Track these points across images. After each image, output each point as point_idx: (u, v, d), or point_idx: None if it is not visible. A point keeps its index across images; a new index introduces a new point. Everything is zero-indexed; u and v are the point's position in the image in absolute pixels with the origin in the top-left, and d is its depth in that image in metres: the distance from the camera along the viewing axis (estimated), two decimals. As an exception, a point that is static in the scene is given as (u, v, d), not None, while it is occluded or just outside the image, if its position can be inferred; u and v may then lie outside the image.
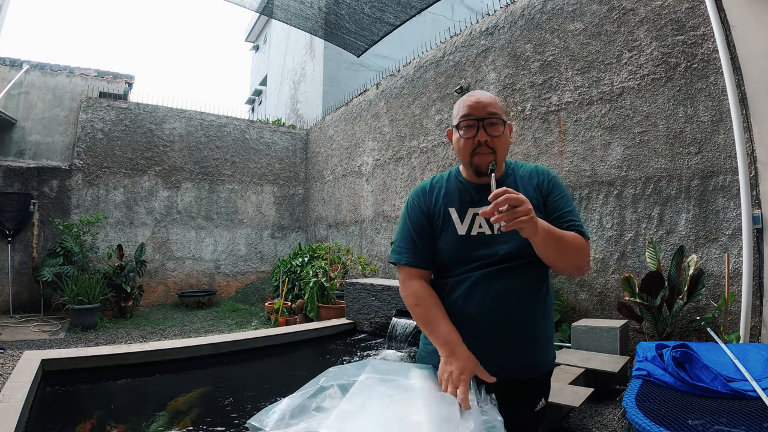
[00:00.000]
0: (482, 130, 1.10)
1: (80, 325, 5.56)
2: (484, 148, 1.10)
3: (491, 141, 1.10)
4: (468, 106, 1.13)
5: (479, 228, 1.14)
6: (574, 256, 1.06)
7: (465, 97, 1.16)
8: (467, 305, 1.11)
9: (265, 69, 16.29)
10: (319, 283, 5.98)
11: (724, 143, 3.19)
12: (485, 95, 1.14)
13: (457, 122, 1.15)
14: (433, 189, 1.24)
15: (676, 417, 1.59)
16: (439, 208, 1.19)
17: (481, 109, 1.11)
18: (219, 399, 3.10)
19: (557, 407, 2.38)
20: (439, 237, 1.17)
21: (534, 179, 1.19)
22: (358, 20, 4.97)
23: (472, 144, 1.11)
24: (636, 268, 3.66)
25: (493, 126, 1.11)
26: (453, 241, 1.14)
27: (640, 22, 3.70)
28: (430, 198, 1.22)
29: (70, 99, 8.12)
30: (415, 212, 1.22)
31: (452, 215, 1.17)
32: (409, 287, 1.16)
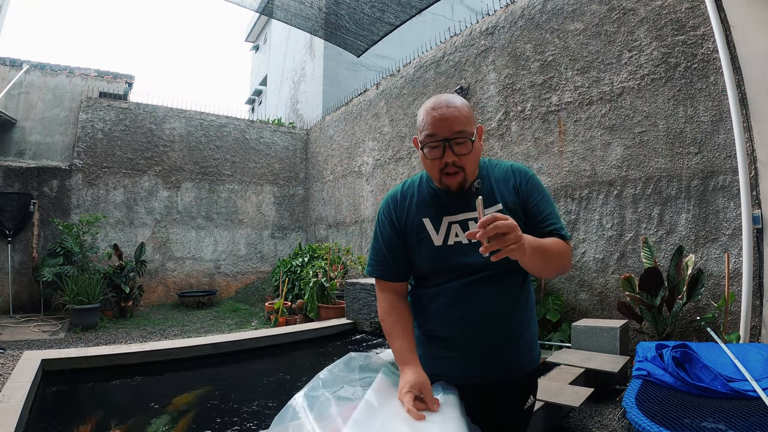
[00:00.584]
0: (449, 150, 1.02)
1: (80, 325, 5.56)
2: (452, 167, 1.04)
3: (459, 160, 1.03)
4: (432, 125, 1.03)
5: (455, 237, 1.10)
6: (558, 264, 1.05)
7: (429, 107, 1.05)
8: (448, 314, 1.12)
9: (265, 69, 16.29)
10: (319, 283, 5.98)
11: (724, 143, 3.19)
12: (451, 105, 1.03)
13: (421, 140, 1.07)
14: (404, 197, 1.18)
15: (676, 417, 1.59)
16: (412, 219, 1.14)
17: (447, 129, 1.01)
18: (219, 399, 3.10)
19: (557, 407, 2.38)
20: (414, 249, 1.15)
21: (510, 180, 1.13)
22: (358, 20, 4.97)
23: (439, 164, 1.05)
24: (636, 268, 3.66)
25: (461, 145, 1.03)
26: (429, 252, 1.12)
27: (640, 22, 3.70)
28: (402, 208, 1.16)
29: (70, 99, 8.12)
30: (385, 226, 1.18)
31: (427, 226, 1.13)
32: (381, 299, 1.18)
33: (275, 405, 3.00)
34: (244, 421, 2.72)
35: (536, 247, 0.95)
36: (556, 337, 3.87)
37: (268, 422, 2.80)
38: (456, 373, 1.11)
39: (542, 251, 0.97)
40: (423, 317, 1.19)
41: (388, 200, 1.21)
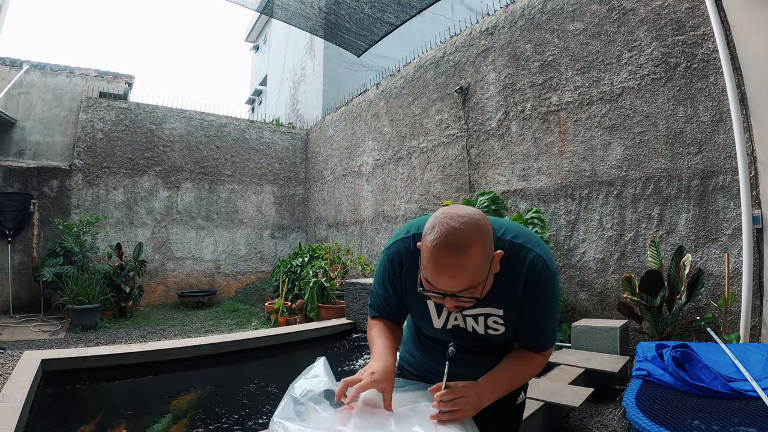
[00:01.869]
0: (449, 298, 0.90)
1: (80, 325, 5.56)
2: (454, 308, 0.96)
3: (462, 304, 0.92)
4: (434, 276, 0.87)
5: (454, 321, 1.10)
6: (522, 382, 1.12)
7: (433, 245, 0.84)
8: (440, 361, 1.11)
9: (265, 69, 16.29)
10: (319, 283, 5.98)
11: (724, 143, 3.19)
12: (461, 256, 0.83)
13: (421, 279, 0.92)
14: (411, 267, 1.05)
15: (676, 417, 1.59)
16: (415, 296, 1.08)
17: (450, 286, 0.87)
18: (219, 399, 3.10)
19: (557, 407, 2.38)
20: (414, 316, 1.17)
21: (517, 287, 0.99)
22: (358, 20, 4.98)
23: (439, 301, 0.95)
24: (636, 268, 3.66)
25: (467, 298, 0.90)
26: (429, 329, 1.15)
27: (640, 22, 3.70)
28: (406, 278, 1.08)
29: (70, 99, 8.12)
30: (386, 286, 1.13)
31: (429, 308, 1.10)
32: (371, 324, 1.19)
33: (275, 405, 3.00)
34: (244, 421, 2.72)
35: (498, 393, 1.02)
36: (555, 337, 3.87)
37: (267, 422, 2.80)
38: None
39: (507, 388, 1.05)
40: (417, 347, 1.26)
41: (394, 259, 1.08)
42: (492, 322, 1.06)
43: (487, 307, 1.04)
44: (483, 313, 1.05)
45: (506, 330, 1.07)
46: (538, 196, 4.57)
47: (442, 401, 0.92)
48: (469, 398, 0.94)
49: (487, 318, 1.06)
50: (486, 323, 1.07)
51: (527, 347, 1.10)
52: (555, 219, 4.39)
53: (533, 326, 1.06)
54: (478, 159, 5.31)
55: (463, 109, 5.53)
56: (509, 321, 1.06)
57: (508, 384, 1.06)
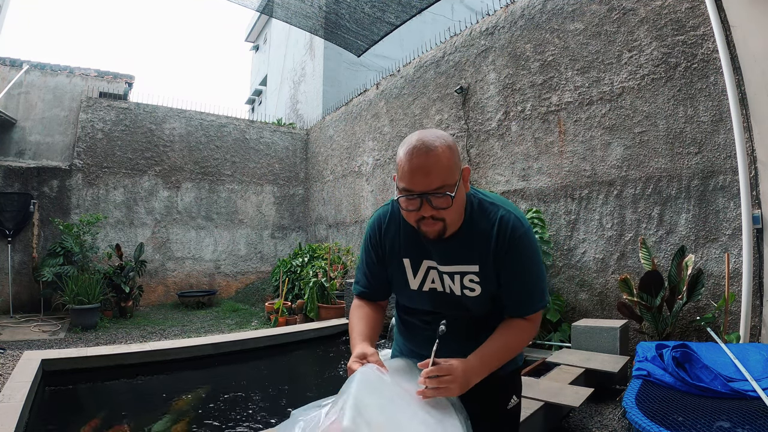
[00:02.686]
0: (426, 204, 0.94)
1: (80, 325, 5.56)
2: (429, 220, 0.97)
3: (438, 213, 0.95)
4: (409, 177, 0.93)
5: (432, 284, 1.10)
6: (514, 352, 1.08)
7: (407, 151, 0.94)
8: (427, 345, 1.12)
9: (265, 69, 16.29)
10: (319, 283, 5.98)
11: (724, 143, 3.19)
12: (431, 153, 0.92)
13: (398, 187, 0.98)
14: (389, 228, 1.13)
15: (676, 417, 1.59)
16: (394, 255, 1.13)
17: (425, 184, 0.92)
18: (219, 399, 3.10)
19: (557, 407, 2.38)
20: (393, 283, 1.18)
21: (491, 241, 1.02)
22: (359, 20, 4.97)
23: (416, 215, 0.97)
24: (636, 268, 3.66)
25: (440, 198, 0.94)
26: (406, 292, 1.15)
27: (640, 22, 3.70)
28: (386, 239, 1.14)
29: (70, 99, 8.12)
30: (369, 253, 1.18)
31: (406, 266, 1.12)
32: (355, 303, 1.23)
33: (275, 405, 3.00)
34: (244, 421, 2.72)
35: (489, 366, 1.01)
36: (556, 337, 3.88)
37: (268, 422, 2.81)
38: None
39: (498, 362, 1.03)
40: (403, 335, 1.26)
41: (375, 225, 1.16)
42: (468, 281, 1.05)
43: (462, 265, 1.05)
44: (459, 270, 1.06)
45: (482, 291, 1.05)
46: (538, 196, 4.57)
47: (429, 377, 0.91)
48: (456, 376, 0.92)
49: (463, 276, 1.05)
50: (462, 282, 1.06)
51: (512, 313, 1.07)
52: (555, 219, 4.39)
53: (514, 287, 1.04)
54: (478, 159, 5.31)
55: (463, 109, 5.53)
56: (485, 280, 1.04)
57: (498, 358, 1.03)
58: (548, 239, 4.20)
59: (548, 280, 4.36)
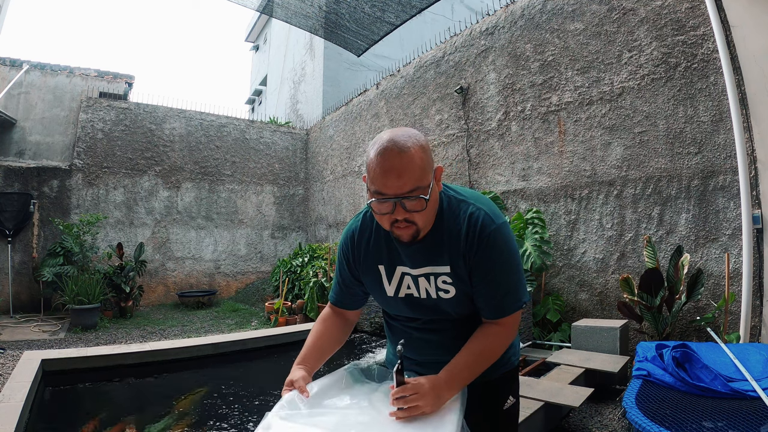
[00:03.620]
0: (399, 207, 0.91)
1: (80, 325, 5.56)
2: (403, 223, 0.94)
3: (411, 216, 0.93)
4: (381, 181, 0.90)
5: (407, 290, 1.08)
6: (490, 361, 1.03)
7: (378, 155, 0.91)
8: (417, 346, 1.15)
9: (265, 69, 16.29)
10: (319, 283, 5.98)
11: (724, 143, 3.19)
12: (404, 153, 0.89)
13: (369, 189, 0.95)
14: (362, 235, 1.11)
15: (676, 417, 1.59)
16: (368, 264, 1.12)
17: (397, 187, 0.89)
18: (219, 399, 3.10)
19: (557, 407, 2.38)
20: (371, 292, 1.19)
21: (461, 241, 0.99)
22: (359, 19, 4.97)
23: (389, 219, 0.95)
24: (636, 268, 3.66)
25: (414, 201, 0.91)
26: (383, 299, 1.15)
27: (640, 22, 3.70)
28: (359, 250, 1.12)
29: (70, 99, 8.12)
30: (343, 265, 1.18)
31: (381, 273, 1.10)
32: (325, 310, 1.28)
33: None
34: (244, 421, 2.72)
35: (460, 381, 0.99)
36: (556, 337, 3.88)
37: (268, 422, 2.76)
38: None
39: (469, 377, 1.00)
40: (390, 339, 1.28)
41: (347, 238, 1.15)
42: (441, 282, 1.03)
43: (433, 266, 1.03)
44: (431, 272, 1.04)
45: (457, 292, 1.03)
46: (538, 196, 4.57)
47: (396, 399, 0.91)
48: (422, 393, 0.91)
49: (437, 278, 1.04)
50: (436, 284, 1.04)
51: (485, 316, 1.04)
52: (555, 219, 4.39)
53: (486, 289, 1.00)
54: (478, 159, 5.31)
55: (463, 109, 5.52)
56: (458, 281, 1.02)
57: (472, 369, 0.99)
58: (548, 239, 4.20)
59: (548, 280, 4.36)
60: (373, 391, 1.05)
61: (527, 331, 3.93)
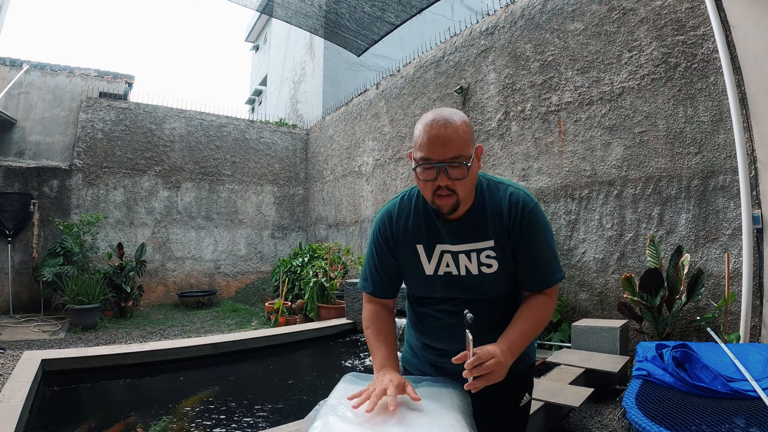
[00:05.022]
0: (443, 173, 0.97)
1: (80, 325, 5.56)
2: (444, 190, 0.99)
3: (452, 184, 0.99)
4: (428, 146, 0.97)
5: (446, 268, 1.10)
6: (540, 330, 1.08)
7: (426, 124, 0.99)
8: (438, 334, 1.16)
9: (265, 69, 16.29)
10: (319, 283, 5.98)
11: (724, 143, 3.19)
12: (450, 125, 0.97)
13: (416, 158, 1.02)
14: (400, 216, 1.14)
15: (676, 417, 1.59)
16: (406, 243, 1.13)
17: (442, 153, 0.96)
18: (219, 399, 3.10)
19: (557, 407, 2.38)
20: (406, 273, 1.17)
21: (504, 218, 1.05)
22: (359, 19, 4.97)
23: (432, 186, 1.00)
24: (636, 268, 3.66)
25: (456, 169, 0.98)
26: (420, 279, 1.14)
27: (640, 22, 3.70)
28: (397, 230, 1.14)
29: (70, 99, 8.12)
30: (379, 244, 1.17)
31: (420, 253, 1.12)
32: (366, 309, 1.21)
33: (275, 405, 3.00)
34: (244, 421, 2.72)
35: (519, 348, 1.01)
36: (556, 337, 3.88)
37: (268, 422, 2.81)
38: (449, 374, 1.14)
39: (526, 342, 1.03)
40: (417, 329, 1.23)
41: (384, 218, 1.17)
42: (485, 257, 1.06)
43: (477, 242, 1.06)
44: (474, 248, 1.07)
45: (500, 266, 1.06)
46: (538, 196, 4.57)
47: (473, 368, 0.89)
48: (498, 359, 0.91)
49: (480, 253, 1.06)
50: (479, 259, 1.06)
51: (530, 288, 1.10)
52: (555, 219, 4.39)
53: (530, 261, 1.07)
54: (478, 159, 5.31)
55: (463, 109, 5.52)
56: (502, 254, 1.06)
57: (527, 337, 1.03)
58: (548, 239, 4.20)
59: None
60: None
61: (527, 331, 3.93)
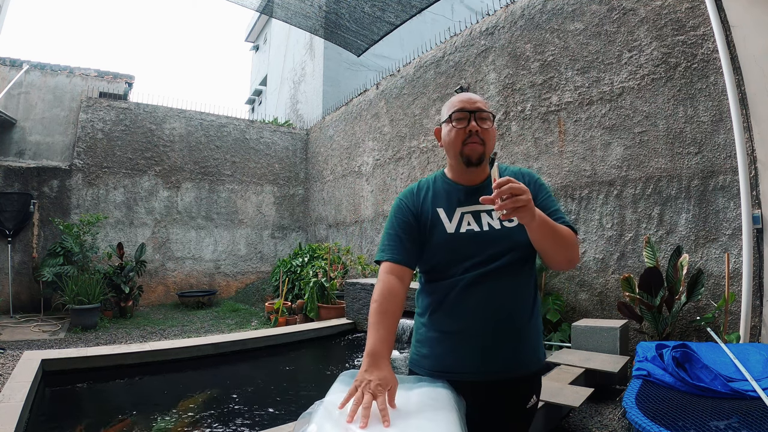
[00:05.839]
0: (474, 121, 1.16)
1: (80, 325, 5.56)
2: (475, 137, 1.15)
3: (482, 132, 1.15)
4: (460, 101, 1.19)
5: (468, 226, 1.16)
6: (568, 247, 1.10)
7: (455, 97, 1.22)
8: (461, 307, 1.13)
9: (265, 69, 16.29)
10: (319, 283, 5.98)
11: (724, 143, 3.19)
12: (474, 95, 1.21)
13: (448, 115, 1.19)
14: (420, 190, 1.27)
15: (676, 417, 1.59)
16: (427, 208, 1.21)
17: (473, 105, 1.17)
18: (218, 399, 3.10)
19: (557, 407, 2.38)
20: (428, 237, 1.18)
21: (519, 179, 1.21)
22: (359, 19, 4.97)
23: (464, 134, 1.16)
24: (636, 268, 3.66)
25: (483, 120, 1.17)
26: (443, 239, 1.16)
27: (640, 22, 3.70)
28: (418, 199, 1.25)
29: (70, 99, 8.12)
30: (402, 211, 1.23)
31: (441, 215, 1.19)
32: (380, 281, 1.14)
33: (275, 405, 3.00)
34: (244, 421, 2.72)
35: (545, 220, 1.03)
36: (556, 337, 3.88)
37: (268, 422, 2.80)
38: (464, 369, 1.12)
39: (551, 227, 1.05)
40: (432, 311, 1.19)
41: (406, 193, 1.29)
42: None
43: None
44: None
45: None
46: (538, 196, 4.56)
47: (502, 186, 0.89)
48: (525, 188, 0.91)
49: None
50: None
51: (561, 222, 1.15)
52: (555, 219, 4.38)
53: (550, 203, 1.20)
54: (478, 159, 5.31)
55: (463, 109, 5.52)
56: None
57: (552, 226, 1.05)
58: (548, 239, 4.20)
59: (548, 280, 4.36)
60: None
61: (527, 331, 3.93)
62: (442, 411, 0.92)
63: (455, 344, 1.14)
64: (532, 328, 1.17)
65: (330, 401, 0.94)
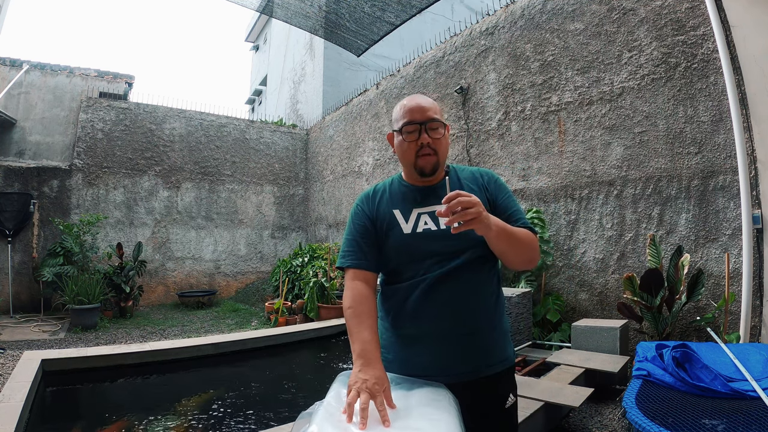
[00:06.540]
0: (424, 133, 1.14)
1: (80, 325, 5.56)
2: (427, 149, 1.14)
3: (433, 143, 1.14)
4: (409, 112, 1.16)
5: (425, 225, 1.15)
6: (526, 249, 1.10)
7: (406, 102, 1.19)
8: (422, 309, 1.12)
9: (265, 69, 16.29)
10: (319, 283, 5.98)
11: (724, 143, 3.19)
12: (425, 100, 1.18)
13: (399, 127, 1.17)
14: (376, 194, 1.26)
15: (676, 417, 1.59)
16: (383, 211, 1.21)
17: (422, 115, 1.15)
18: (219, 399, 3.10)
19: (557, 407, 2.38)
20: (385, 239, 1.18)
21: (478, 180, 1.23)
22: (359, 19, 4.97)
23: (416, 146, 1.15)
24: (636, 268, 3.66)
25: (434, 129, 1.15)
26: (399, 240, 1.16)
27: (640, 22, 3.70)
28: (373, 203, 1.24)
29: (70, 99, 8.12)
30: (358, 216, 1.23)
31: (397, 216, 1.19)
32: (350, 288, 1.15)
33: (275, 405, 3.00)
34: (244, 421, 2.72)
35: (502, 227, 1.03)
36: (556, 337, 3.88)
37: (268, 423, 2.81)
38: (431, 372, 1.10)
39: (509, 233, 1.05)
40: (394, 315, 1.18)
41: (362, 197, 1.29)
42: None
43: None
44: None
45: None
46: (538, 196, 4.57)
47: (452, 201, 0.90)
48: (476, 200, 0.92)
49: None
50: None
51: (520, 224, 1.16)
52: (555, 219, 4.39)
53: (510, 203, 1.20)
54: (478, 159, 5.31)
55: (463, 109, 5.53)
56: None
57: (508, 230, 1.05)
58: (548, 239, 4.21)
59: (548, 280, 4.36)
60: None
61: (527, 331, 3.92)
62: (442, 412, 0.92)
63: (420, 348, 1.13)
64: (497, 326, 1.16)
65: (330, 401, 0.94)
